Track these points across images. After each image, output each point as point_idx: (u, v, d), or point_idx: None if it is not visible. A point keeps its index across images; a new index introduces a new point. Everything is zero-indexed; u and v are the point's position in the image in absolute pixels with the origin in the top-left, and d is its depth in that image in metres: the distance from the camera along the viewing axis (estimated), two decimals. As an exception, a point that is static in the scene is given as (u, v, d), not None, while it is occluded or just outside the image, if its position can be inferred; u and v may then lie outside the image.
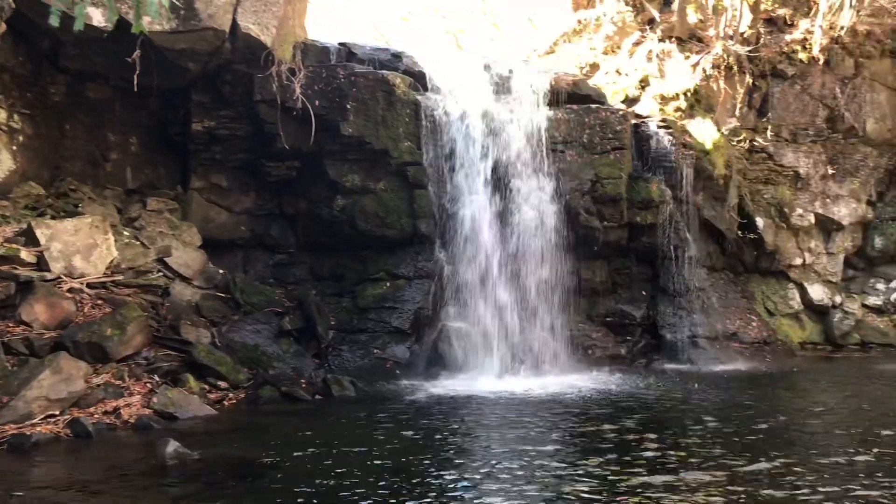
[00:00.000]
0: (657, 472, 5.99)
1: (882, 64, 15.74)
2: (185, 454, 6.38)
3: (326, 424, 8.00)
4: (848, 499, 5.28)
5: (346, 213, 11.59)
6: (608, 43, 15.67)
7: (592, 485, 5.64)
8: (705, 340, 12.98)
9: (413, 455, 6.57)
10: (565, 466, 6.18)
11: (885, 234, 15.66)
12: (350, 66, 11.64)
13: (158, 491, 5.85)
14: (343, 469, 6.11)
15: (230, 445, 7.15)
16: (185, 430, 7.68)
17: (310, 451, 6.70)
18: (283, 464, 6.34)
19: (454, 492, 5.52)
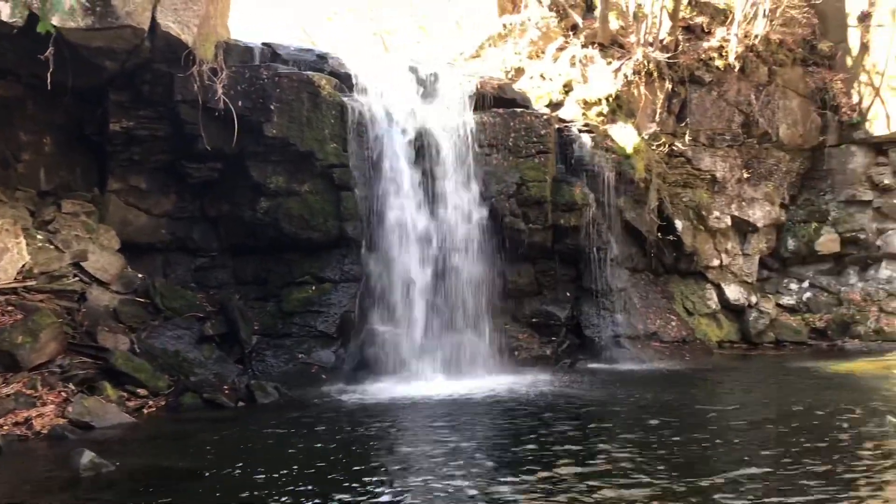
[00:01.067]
0: (565, 465, 6.10)
1: (794, 72, 16.39)
2: (102, 465, 6.17)
3: (250, 431, 7.86)
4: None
5: (270, 216, 11.41)
6: (533, 48, 15.88)
7: (513, 483, 5.71)
8: (627, 340, 13.29)
9: (338, 462, 6.52)
10: (486, 472, 6.22)
11: (797, 236, 16.30)
12: (274, 67, 11.47)
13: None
14: (266, 477, 6.02)
15: (149, 455, 6.96)
16: (102, 439, 7.44)
17: (232, 460, 6.57)
18: (204, 473, 6.20)
19: (378, 497, 5.50)
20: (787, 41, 16.18)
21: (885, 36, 15.71)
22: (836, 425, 7.75)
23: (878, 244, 15.81)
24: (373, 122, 11.80)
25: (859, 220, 16.03)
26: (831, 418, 8.12)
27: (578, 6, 16.16)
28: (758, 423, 8.24)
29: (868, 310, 15.42)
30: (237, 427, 8.11)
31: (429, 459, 6.55)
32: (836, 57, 16.63)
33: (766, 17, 15.48)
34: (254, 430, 7.87)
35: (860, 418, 8.13)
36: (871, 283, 15.83)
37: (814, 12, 16.65)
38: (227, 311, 11.03)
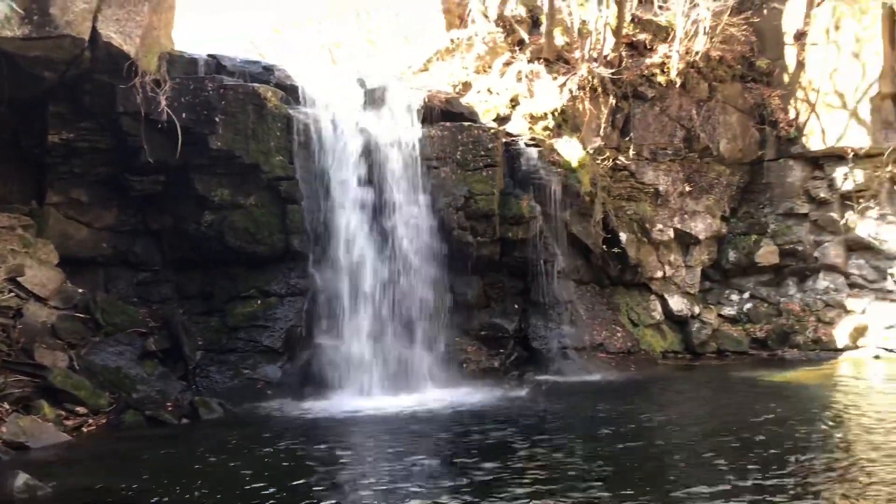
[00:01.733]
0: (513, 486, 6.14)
1: (733, 88, 16.81)
2: (37, 487, 6.01)
3: (193, 449, 7.73)
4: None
5: (214, 229, 11.26)
6: (480, 62, 16.00)
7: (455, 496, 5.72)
8: (574, 351, 13.43)
9: (282, 479, 6.45)
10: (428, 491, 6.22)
11: (737, 248, 16.67)
12: (219, 79, 11.35)
13: (5, 528, 5.49)
14: (210, 496, 5.92)
15: (88, 475, 6.78)
16: (39, 460, 7.24)
17: (175, 479, 6.45)
18: (145, 493, 6.07)
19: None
20: (727, 58, 16.59)
21: (819, 54, 16.21)
22: (777, 434, 7.94)
23: (816, 256, 16.25)
24: (320, 134, 11.74)
25: (797, 233, 16.46)
26: (772, 427, 8.31)
27: (524, 22, 16.34)
28: (700, 434, 8.39)
29: (806, 320, 15.82)
30: (180, 445, 7.96)
31: (373, 476, 6.52)
32: (774, 74, 17.10)
33: (706, 34, 15.86)
34: (197, 448, 7.74)
35: (798, 427, 8.34)
36: (808, 293, 16.25)
37: (752, 30, 17.09)
38: (171, 326, 10.85)
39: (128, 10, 10.19)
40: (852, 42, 15.76)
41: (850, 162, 15.85)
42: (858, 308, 15.66)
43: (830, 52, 16.05)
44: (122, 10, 10.14)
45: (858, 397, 10.67)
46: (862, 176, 15.84)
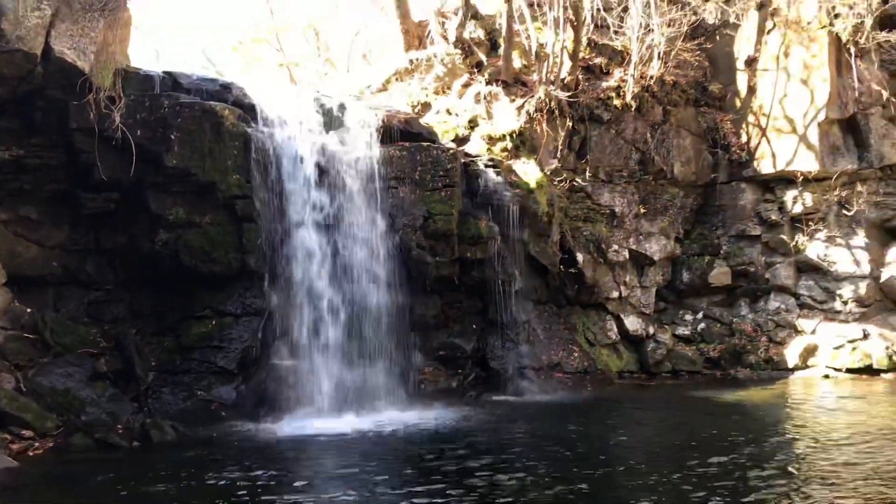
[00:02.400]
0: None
1: (687, 112, 17.16)
2: (-20, 513, 5.82)
3: (143, 473, 7.56)
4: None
5: (169, 248, 11.08)
6: (439, 83, 16.10)
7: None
8: (531, 371, 13.48)
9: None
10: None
11: (691, 269, 16.94)
12: (175, 96, 11.23)
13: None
14: (160, 520, 5.80)
15: (34, 501, 6.60)
16: (-19, 486, 7.02)
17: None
18: (92, 518, 5.92)
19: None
20: (681, 83, 16.95)
21: (770, 80, 16.65)
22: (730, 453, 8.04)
23: (767, 277, 16.59)
24: (277, 153, 11.67)
25: (749, 254, 16.79)
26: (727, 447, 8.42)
27: (483, 44, 16.51)
28: (656, 455, 8.46)
29: (758, 340, 16.11)
30: (130, 469, 7.79)
31: (327, 501, 6.44)
32: (726, 98, 17.50)
33: (660, 59, 16.19)
34: (147, 473, 7.57)
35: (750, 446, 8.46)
36: (760, 314, 16.55)
37: (705, 56, 17.50)
38: (123, 346, 10.63)
39: (82, 26, 10.06)
40: (801, 69, 16.22)
41: (800, 185, 16.26)
42: (808, 328, 16.00)
43: (780, 78, 16.49)
44: (76, 26, 10.01)
45: (808, 417, 10.88)
46: (811, 199, 16.26)
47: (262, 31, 25.81)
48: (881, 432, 9.31)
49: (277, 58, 24.64)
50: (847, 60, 16.00)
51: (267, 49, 25.50)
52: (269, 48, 25.26)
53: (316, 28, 22.74)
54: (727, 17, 17.13)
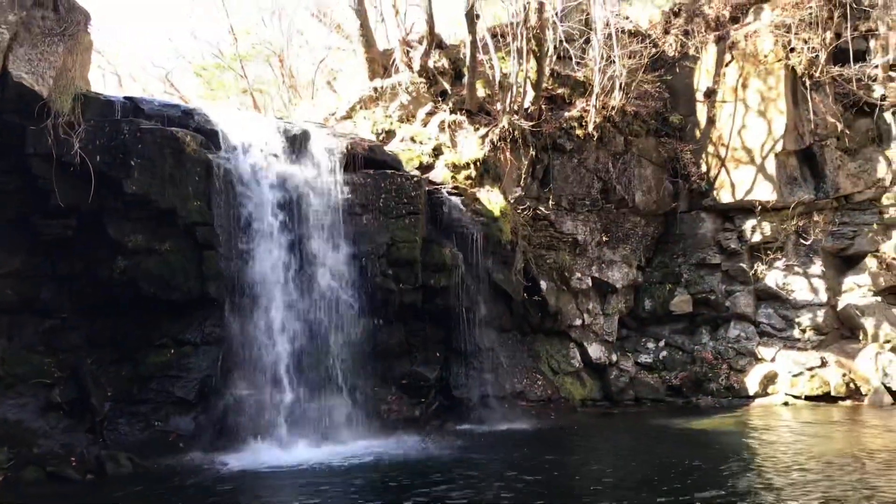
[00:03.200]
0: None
1: (648, 142, 17.42)
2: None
3: (97, 507, 7.36)
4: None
5: (127, 275, 10.88)
6: (403, 111, 16.18)
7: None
8: (495, 400, 13.44)
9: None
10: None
11: (653, 297, 17.10)
12: (136, 122, 11.09)
13: None
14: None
15: (-20, 538, 6.38)
16: (-74, 522, 6.77)
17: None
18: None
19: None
20: (642, 113, 17.22)
21: (728, 111, 16.99)
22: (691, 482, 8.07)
23: (727, 305, 16.79)
24: (240, 180, 11.58)
25: (709, 282, 17.00)
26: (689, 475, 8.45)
27: (447, 74, 16.63)
28: (619, 484, 8.46)
29: (719, 368, 16.26)
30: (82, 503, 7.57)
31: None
32: (686, 129, 17.80)
33: (621, 90, 16.44)
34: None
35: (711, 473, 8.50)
36: (721, 342, 16.73)
37: (665, 87, 17.82)
38: (78, 376, 10.39)
39: (41, 51, 9.93)
40: (758, 100, 16.59)
41: (758, 215, 16.55)
42: (768, 356, 16.20)
43: (738, 110, 16.84)
44: (34, 50, 9.88)
45: (767, 444, 10.97)
46: (769, 228, 16.54)
47: (225, 57, 25.75)
48: (836, 459, 9.43)
49: (241, 84, 24.56)
50: (803, 93, 16.40)
51: (231, 75, 25.42)
52: (233, 74, 25.18)
53: (280, 55, 22.73)
54: (686, 49, 17.52)
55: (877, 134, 16.43)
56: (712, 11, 17.78)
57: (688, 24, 17.91)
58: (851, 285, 16.34)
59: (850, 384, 15.25)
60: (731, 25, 17.45)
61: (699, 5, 18.16)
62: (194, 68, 26.75)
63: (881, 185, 16.23)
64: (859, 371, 15.50)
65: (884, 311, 15.96)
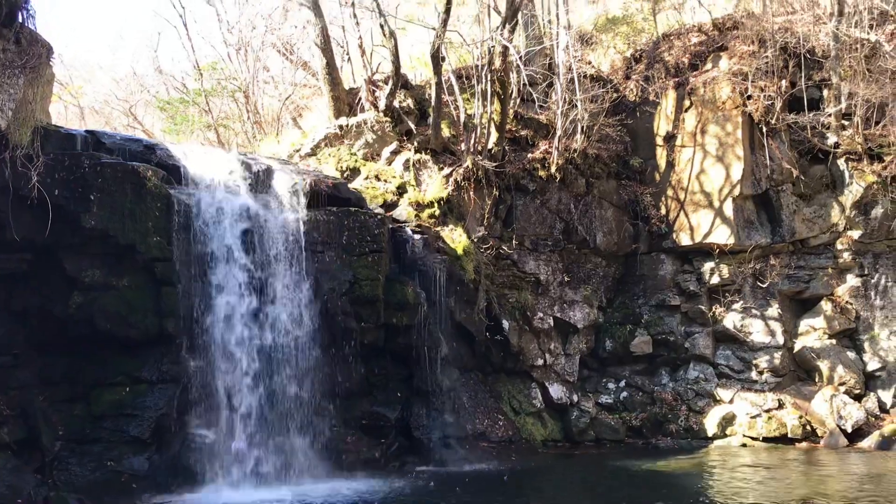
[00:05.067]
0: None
1: (609, 184, 17.67)
2: None
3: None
4: None
5: (83, 311, 10.66)
6: (368, 150, 16.25)
7: None
8: (456, 440, 13.34)
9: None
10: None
11: (613, 337, 17.20)
12: (97, 156, 10.99)
13: None
14: None
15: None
16: None
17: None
18: None
19: None
20: (603, 156, 17.49)
21: (687, 155, 17.34)
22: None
23: (686, 346, 16.96)
24: (201, 215, 11.49)
25: (669, 324, 17.17)
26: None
27: (412, 113, 16.77)
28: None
29: (678, 409, 16.36)
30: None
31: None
32: (646, 172, 18.12)
33: (583, 133, 16.71)
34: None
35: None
36: (680, 383, 16.85)
37: (626, 131, 18.15)
38: (28, 414, 10.12)
39: (1, 83, 9.81)
40: (717, 146, 16.97)
41: (717, 258, 16.84)
42: (726, 397, 16.34)
43: (697, 155, 17.20)
44: (-6, 82, 9.75)
45: (726, 486, 11.03)
46: (727, 271, 16.82)
47: (189, 92, 25.68)
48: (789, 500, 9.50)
49: (206, 119, 24.48)
50: (760, 139, 16.83)
51: (195, 109, 25.32)
52: (198, 109, 25.09)
53: (246, 90, 22.73)
54: (647, 95, 17.90)
55: (830, 180, 16.85)
56: (672, 58, 18.24)
57: (648, 70, 18.35)
58: (807, 328, 16.64)
59: (807, 426, 15.44)
60: (690, 72, 17.90)
61: (659, 52, 18.63)
62: (158, 102, 26.62)
63: (835, 230, 16.62)
64: (815, 413, 15.72)
65: (838, 353, 16.25)
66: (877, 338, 16.25)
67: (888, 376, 16.00)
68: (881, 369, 16.10)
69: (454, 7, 16.36)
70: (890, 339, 16.11)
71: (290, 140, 18.31)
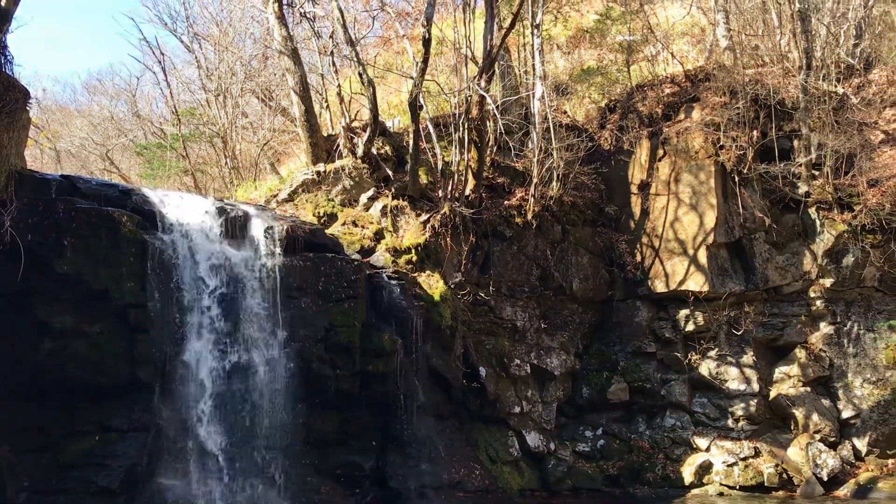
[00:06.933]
0: None
1: (584, 231, 17.80)
2: None
3: None
4: None
5: (54, 358, 10.50)
6: (345, 195, 16.27)
7: None
8: (432, 490, 13.13)
9: None
10: None
11: (590, 384, 17.16)
12: (71, 201, 10.93)
13: None
14: None
15: None
16: None
17: None
18: None
19: None
20: (579, 203, 17.65)
21: (661, 203, 17.54)
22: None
23: (663, 393, 16.94)
24: (177, 261, 11.42)
25: (645, 371, 17.17)
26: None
27: (390, 160, 16.88)
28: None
29: (655, 457, 16.28)
30: None
31: None
32: (621, 220, 18.29)
33: (559, 180, 16.89)
34: None
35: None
36: (657, 430, 16.79)
37: (601, 179, 18.36)
38: (-7, 464, 9.85)
39: (-24, 128, 9.78)
40: (690, 194, 17.19)
41: (692, 305, 16.92)
42: (703, 445, 16.29)
43: (671, 203, 17.40)
44: (-31, 127, 9.72)
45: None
46: (702, 318, 16.90)
47: (167, 137, 25.69)
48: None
49: (183, 163, 24.46)
50: (732, 188, 17.08)
51: (172, 154, 25.31)
52: (175, 153, 25.08)
53: (224, 135, 22.76)
54: (622, 144, 18.18)
55: (802, 229, 17.09)
56: (645, 108, 18.57)
57: (622, 120, 18.66)
58: (782, 375, 16.71)
59: (783, 474, 15.43)
60: (664, 122, 18.21)
61: (633, 102, 18.97)
62: (136, 147, 26.60)
63: (808, 278, 16.81)
64: (791, 461, 15.72)
65: (813, 401, 16.31)
66: (850, 385, 16.36)
67: (862, 424, 16.06)
68: (855, 417, 16.17)
69: (432, 56, 16.60)
70: (863, 386, 16.23)
71: (267, 186, 18.32)
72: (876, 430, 15.80)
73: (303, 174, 16.81)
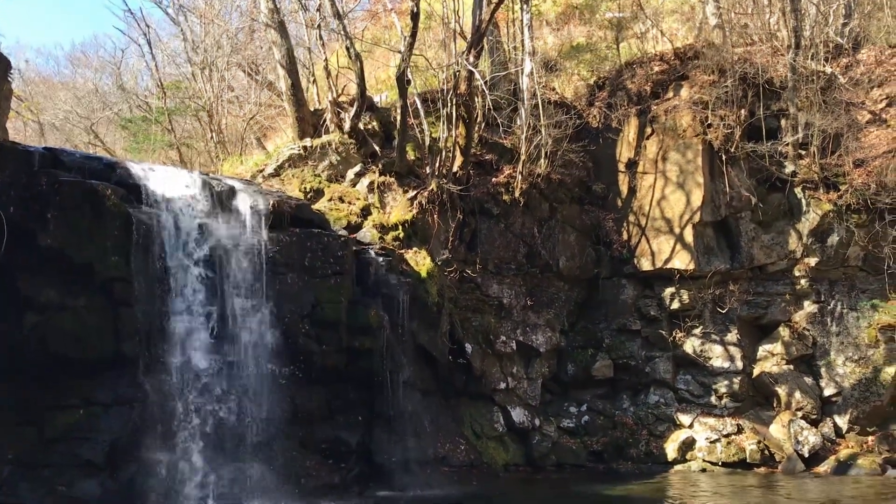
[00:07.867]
0: None
1: (571, 209, 17.81)
2: None
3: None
4: None
5: (38, 333, 10.42)
6: (332, 171, 16.18)
7: None
8: (417, 465, 13.21)
9: None
10: None
11: (575, 361, 17.26)
12: (54, 174, 10.79)
13: None
14: None
15: None
16: None
17: None
18: None
19: None
20: (566, 181, 17.63)
21: (648, 182, 17.56)
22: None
23: (647, 371, 17.07)
24: (161, 235, 11.32)
25: (629, 348, 17.29)
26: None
27: (378, 135, 16.78)
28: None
29: (639, 433, 16.44)
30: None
31: None
32: (609, 198, 18.30)
33: (547, 158, 16.85)
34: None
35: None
36: (641, 407, 16.94)
37: (589, 157, 18.33)
38: (-24, 438, 9.81)
39: (-43, 98, 9.63)
40: (677, 173, 17.21)
41: (677, 283, 17.01)
42: (686, 422, 16.46)
43: (659, 181, 17.43)
44: (-50, 98, 9.57)
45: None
46: (687, 296, 17.00)
47: (152, 111, 25.43)
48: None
49: (168, 137, 24.23)
50: (719, 167, 17.10)
51: (158, 128, 25.07)
52: (160, 127, 24.84)
53: (210, 109, 22.54)
54: (610, 121, 18.14)
55: (788, 208, 17.16)
56: (634, 86, 18.51)
57: (611, 98, 18.61)
58: (766, 353, 16.86)
59: (765, 451, 15.61)
60: (652, 100, 18.17)
61: (622, 80, 18.91)
62: (120, 120, 26.32)
63: (793, 257, 16.90)
64: (773, 438, 15.90)
65: (796, 379, 16.48)
66: (833, 364, 16.52)
67: (844, 401, 16.24)
68: (837, 395, 16.34)
69: (420, 31, 16.45)
70: (845, 365, 16.39)
71: (253, 160, 18.17)
72: (857, 408, 15.97)
73: (289, 149, 16.69)
